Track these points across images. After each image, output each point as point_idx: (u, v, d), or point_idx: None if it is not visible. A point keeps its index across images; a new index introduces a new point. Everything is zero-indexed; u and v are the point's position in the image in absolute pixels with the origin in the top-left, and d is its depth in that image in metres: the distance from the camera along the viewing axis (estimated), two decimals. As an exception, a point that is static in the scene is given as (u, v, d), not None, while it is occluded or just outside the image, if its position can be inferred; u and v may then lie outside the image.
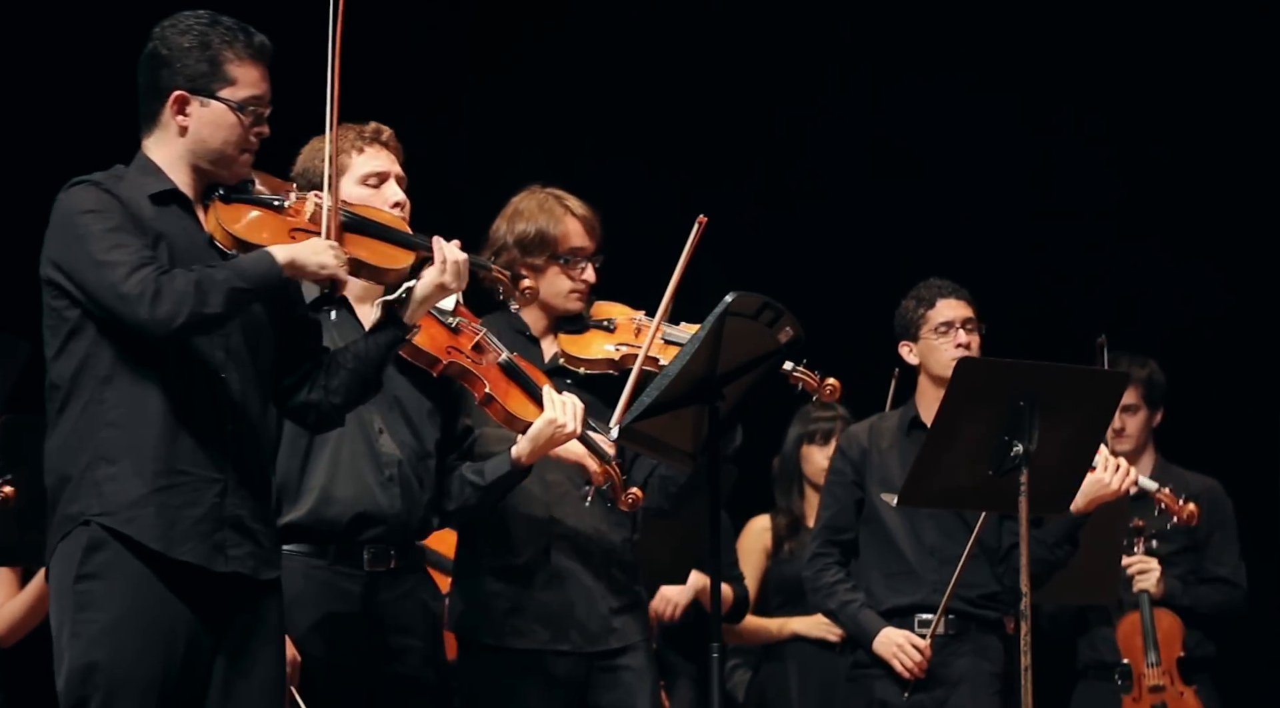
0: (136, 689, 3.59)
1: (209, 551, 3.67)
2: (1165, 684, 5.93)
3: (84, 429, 3.68)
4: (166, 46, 3.76)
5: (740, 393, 4.38)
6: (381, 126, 4.44)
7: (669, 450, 4.39)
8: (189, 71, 3.74)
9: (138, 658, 3.59)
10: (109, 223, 3.63)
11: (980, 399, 4.67)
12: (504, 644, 4.68)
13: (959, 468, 4.73)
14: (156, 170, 3.77)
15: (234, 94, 3.75)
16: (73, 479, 3.68)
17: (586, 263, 4.82)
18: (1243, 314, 7.50)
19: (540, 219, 4.79)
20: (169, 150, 3.77)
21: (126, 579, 3.62)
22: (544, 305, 4.82)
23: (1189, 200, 7.62)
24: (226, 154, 3.78)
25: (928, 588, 5.32)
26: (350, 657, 4.26)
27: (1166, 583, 6.04)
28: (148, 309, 3.56)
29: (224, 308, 3.61)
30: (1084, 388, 4.81)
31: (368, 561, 4.29)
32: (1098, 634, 6.14)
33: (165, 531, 3.63)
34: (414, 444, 4.38)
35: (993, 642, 5.39)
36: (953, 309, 5.42)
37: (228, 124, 3.76)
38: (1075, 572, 5.52)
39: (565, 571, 4.71)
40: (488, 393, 4.32)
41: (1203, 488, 6.24)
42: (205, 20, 3.77)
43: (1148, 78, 7.61)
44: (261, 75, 3.80)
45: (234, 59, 3.76)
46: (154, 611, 3.62)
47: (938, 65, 7.70)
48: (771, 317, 4.27)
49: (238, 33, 3.77)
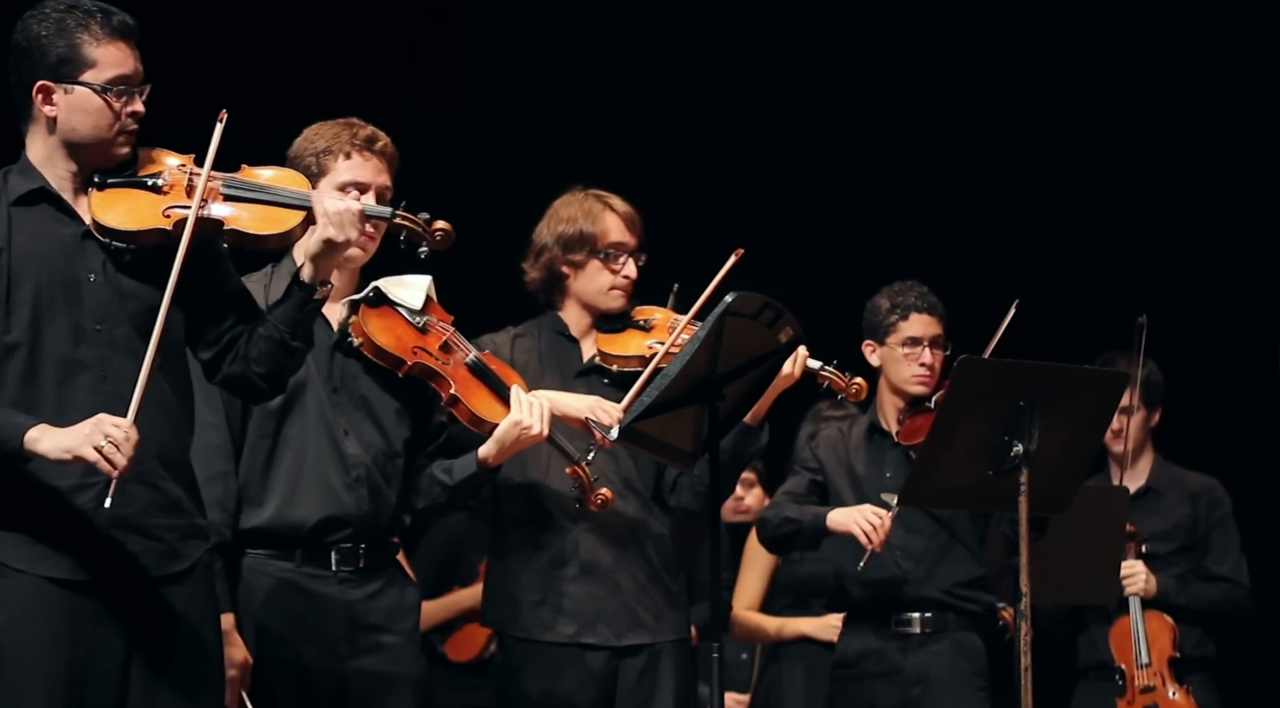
0: (41, 688, 3.56)
1: (73, 565, 3.60)
2: (1156, 686, 5.94)
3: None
4: (26, 38, 3.68)
5: (740, 393, 4.38)
6: (378, 134, 4.37)
7: (669, 450, 4.39)
8: (49, 60, 3.65)
9: (39, 655, 3.56)
10: None
11: (980, 399, 4.67)
12: (531, 636, 4.70)
13: (959, 468, 4.73)
14: (30, 170, 3.71)
15: (97, 76, 3.67)
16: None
17: (628, 258, 4.82)
18: (1242, 313, 7.50)
19: (580, 216, 4.81)
20: (43, 144, 3.72)
21: (25, 577, 3.59)
22: (585, 304, 4.84)
23: (1187, 200, 7.61)
24: (101, 138, 3.69)
25: (898, 584, 5.33)
26: (321, 657, 4.24)
27: (1162, 583, 6.03)
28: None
29: None
30: (1084, 388, 4.81)
31: (336, 561, 4.27)
32: (1098, 634, 6.14)
33: (28, 549, 3.59)
34: (381, 444, 4.35)
35: (973, 639, 5.40)
36: (924, 325, 5.45)
37: (95, 108, 3.68)
38: (1075, 572, 5.52)
39: (595, 564, 4.73)
40: (453, 394, 4.31)
41: (1201, 486, 6.25)
42: (62, 7, 3.69)
43: (1142, 74, 7.61)
44: (127, 54, 3.70)
45: (92, 41, 3.67)
46: (55, 608, 3.58)
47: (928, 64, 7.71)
48: (771, 317, 4.27)
49: (95, 14, 3.69)
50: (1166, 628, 6.00)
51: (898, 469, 5.43)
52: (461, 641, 6.61)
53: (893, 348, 5.45)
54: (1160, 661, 5.96)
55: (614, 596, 4.73)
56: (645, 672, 4.74)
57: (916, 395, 5.43)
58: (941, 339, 5.45)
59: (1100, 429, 4.98)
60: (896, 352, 5.44)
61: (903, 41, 7.77)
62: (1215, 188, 7.61)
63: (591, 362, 4.81)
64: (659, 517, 4.84)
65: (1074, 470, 4.86)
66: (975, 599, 5.42)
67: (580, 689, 4.69)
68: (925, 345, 5.42)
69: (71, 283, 3.66)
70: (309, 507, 4.26)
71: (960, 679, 5.34)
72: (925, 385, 5.41)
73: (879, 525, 5.17)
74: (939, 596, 5.37)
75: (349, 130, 4.35)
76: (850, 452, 5.53)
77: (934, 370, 5.42)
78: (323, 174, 4.31)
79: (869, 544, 5.17)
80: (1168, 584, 6.06)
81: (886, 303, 5.49)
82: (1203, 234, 7.58)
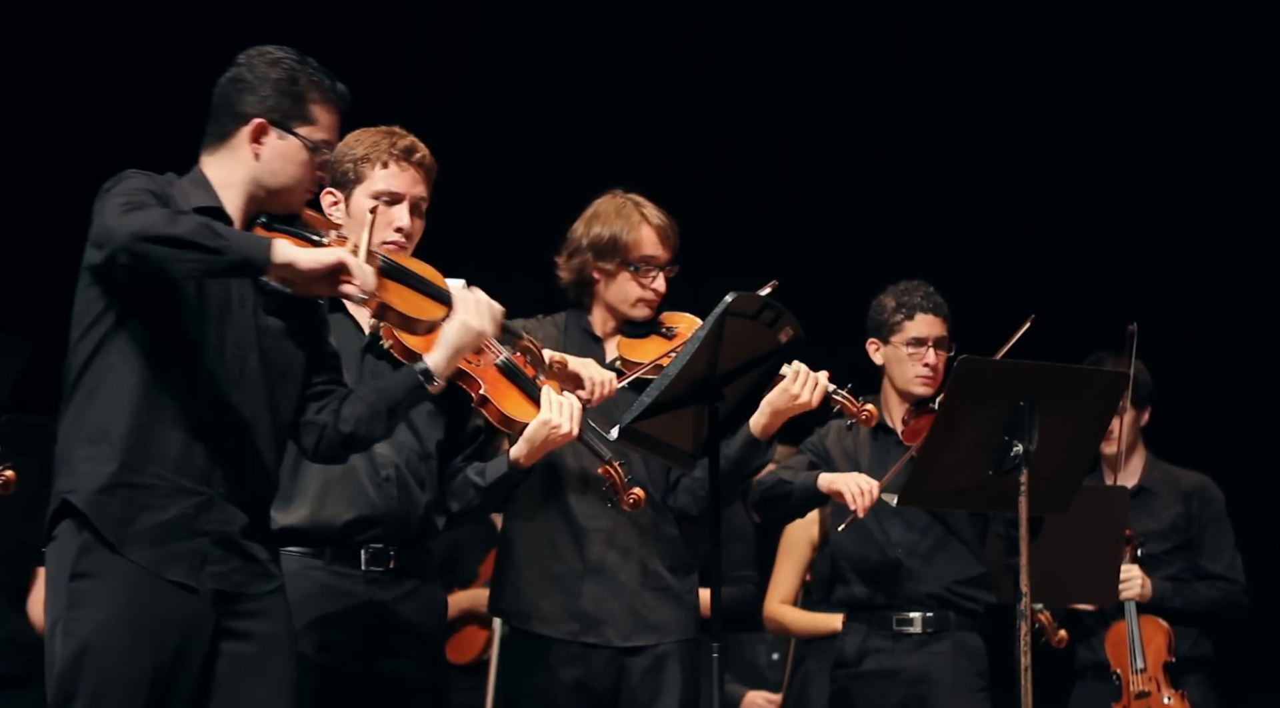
0: (124, 690, 3.59)
1: (163, 556, 3.64)
2: (1151, 691, 5.94)
3: (81, 410, 3.68)
4: (254, 74, 3.79)
5: (740, 393, 4.38)
6: (418, 144, 4.39)
7: (669, 450, 4.38)
8: (273, 103, 3.77)
9: (126, 658, 3.59)
10: (142, 185, 3.64)
11: (980, 399, 4.68)
12: (536, 630, 4.71)
13: (959, 468, 4.74)
14: (207, 186, 3.78)
15: (311, 133, 3.79)
16: (63, 459, 3.69)
17: (658, 272, 4.82)
18: (1242, 312, 7.51)
19: (616, 224, 4.81)
20: (231, 172, 3.79)
21: (120, 580, 3.61)
22: (611, 309, 4.84)
23: (1185, 199, 7.62)
24: (290, 189, 3.81)
25: (902, 580, 5.33)
26: (345, 657, 4.24)
27: (1157, 586, 6.04)
28: (118, 216, 3.54)
29: (189, 234, 3.50)
30: (1084, 388, 4.81)
31: (366, 561, 4.28)
32: (1096, 636, 6.15)
33: (121, 526, 3.63)
34: (413, 445, 4.36)
35: (973, 639, 5.40)
36: (928, 326, 5.44)
37: (299, 161, 3.79)
38: (1075, 572, 5.52)
39: (602, 563, 4.73)
40: (482, 394, 4.30)
41: (1194, 485, 6.25)
42: (294, 57, 3.82)
43: (1144, 79, 7.62)
44: (336, 122, 3.85)
45: (318, 100, 3.80)
46: (145, 613, 3.62)
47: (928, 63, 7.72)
48: (771, 317, 4.27)
49: (324, 77, 3.82)
50: (1161, 632, 6.00)
51: (902, 469, 5.42)
52: (461, 642, 6.61)
53: (897, 347, 5.45)
54: (1155, 665, 5.96)
55: (620, 596, 4.73)
56: (650, 672, 4.74)
57: (920, 396, 5.43)
58: (946, 340, 5.45)
59: (1100, 429, 4.99)
60: (900, 351, 5.44)
61: (903, 41, 7.78)
62: (1213, 186, 7.62)
63: (612, 364, 4.81)
64: (669, 518, 4.84)
65: (1074, 470, 4.87)
66: (975, 598, 5.43)
67: (583, 688, 4.70)
68: (929, 346, 5.42)
69: (225, 304, 3.75)
70: (338, 506, 4.26)
71: (961, 680, 5.34)
72: (928, 386, 5.42)
73: (867, 491, 5.14)
74: (940, 592, 5.37)
75: (388, 139, 4.37)
76: (857, 447, 5.53)
77: (937, 371, 5.42)
78: (359, 181, 4.34)
79: (854, 506, 5.15)
80: (1164, 588, 6.06)
81: (892, 302, 5.48)
82: (1201, 233, 7.58)
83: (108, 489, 3.63)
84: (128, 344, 3.66)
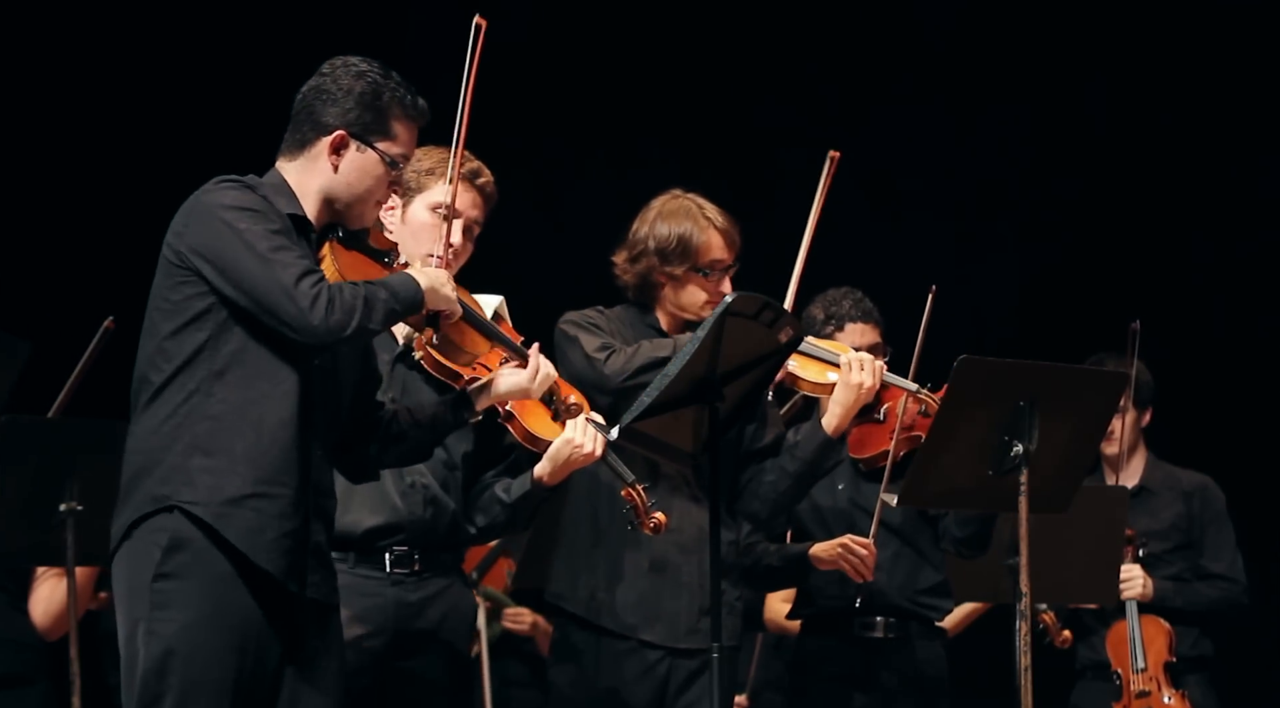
0: (211, 690, 3.60)
1: (287, 567, 3.69)
2: (1152, 690, 5.94)
3: (183, 417, 3.67)
4: (339, 86, 3.81)
5: (740, 393, 4.38)
6: (484, 170, 4.45)
7: (669, 450, 4.38)
8: (355, 116, 3.80)
9: (214, 659, 3.61)
10: (271, 225, 3.68)
11: (980, 399, 4.67)
12: (589, 619, 4.71)
13: (959, 468, 4.73)
14: (289, 192, 3.80)
15: (390, 149, 3.82)
16: (163, 463, 3.66)
17: (724, 275, 4.80)
18: (1243, 312, 7.51)
19: (684, 226, 4.77)
20: (309, 181, 3.81)
21: (206, 581, 3.62)
22: (675, 311, 4.82)
23: (1187, 199, 7.62)
24: (365, 202, 3.84)
25: (863, 588, 5.28)
26: (368, 657, 4.25)
27: (1158, 586, 6.04)
28: (321, 314, 3.61)
29: (382, 325, 3.73)
30: (1084, 388, 4.81)
31: (390, 563, 4.30)
32: (1097, 635, 6.15)
33: (254, 536, 3.65)
34: (441, 455, 4.36)
35: (935, 649, 5.38)
36: (860, 335, 5.35)
37: (376, 175, 3.82)
38: (1075, 572, 5.52)
39: (662, 562, 4.73)
40: (508, 410, 4.32)
41: (1195, 484, 6.25)
42: (379, 70, 3.84)
43: (1146, 78, 7.62)
44: (414, 137, 3.88)
45: (399, 116, 3.83)
46: (231, 614, 3.63)
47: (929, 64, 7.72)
48: (771, 317, 4.26)
49: (406, 93, 3.85)
50: (1162, 633, 6.00)
51: (849, 481, 5.39)
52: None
53: None
54: (1156, 665, 5.96)
55: (678, 596, 4.73)
56: (697, 675, 4.74)
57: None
58: (880, 347, 5.33)
59: (1100, 429, 4.98)
60: None
61: (903, 41, 7.78)
62: (1216, 187, 7.62)
63: None
64: (729, 522, 4.82)
65: (1074, 470, 4.86)
66: (936, 606, 5.40)
67: (633, 685, 4.70)
68: None
69: None
70: (361, 511, 4.28)
71: (922, 686, 5.33)
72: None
73: (866, 557, 5.13)
74: (902, 603, 5.34)
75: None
76: None
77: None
78: (420, 191, 4.38)
79: (859, 579, 5.16)
80: (1165, 588, 6.06)
81: (821, 313, 5.38)
82: (1199, 232, 7.59)
83: (236, 501, 3.64)
84: (238, 350, 3.68)
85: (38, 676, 5.37)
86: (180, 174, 4.13)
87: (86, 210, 6.71)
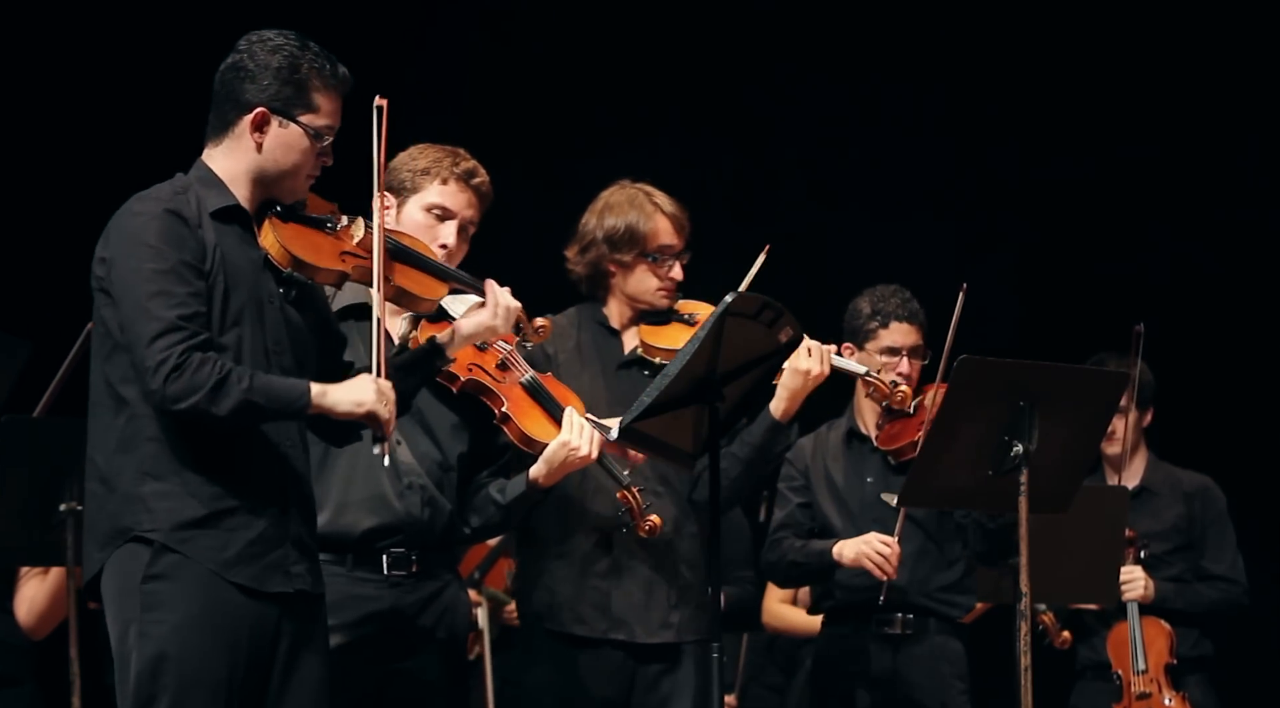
0: (206, 689, 3.61)
1: (260, 571, 3.67)
2: (1153, 692, 5.93)
3: (128, 440, 3.66)
4: (255, 62, 3.76)
5: (740, 393, 4.37)
6: (479, 170, 4.44)
7: (669, 450, 4.38)
8: (274, 91, 3.74)
9: (207, 658, 3.61)
10: (163, 264, 3.61)
11: (980, 399, 4.67)
12: (562, 629, 4.72)
13: (959, 468, 4.73)
14: (219, 184, 3.77)
15: (313, 121, 3.77)
16: (117, 492, 3.66)
17: (674, 261, 4.83)
18: (1244, 313, 7.51)
19: (630, 215, 4.81)
20: (235, 163, 3.78)
21: (195, 580, 3.62)
22: (630, 300, 4.85)
23: (1189, 198, 7.62)
24: (294, 177, 3.79)
25: (883, 584, 5.29)
26: (365, 658, 4.25)
27: (1159, 587, 6.03)
28: (161, 381, 3.56)
29: (229, 415, 3.59)
30: (1084, 388, 4.81)
31: (388, 565, 4.29)
32: (1097, 635, 6.14)
33: (219, 553, 3.64)
34: (436, 455, 4.37)
35: (953, 643, 5.40)
36: (904, 335, 5.40)
37: (302, 148, 3.77)
38: (1075, 572, 5.51)
39: (627, 562, 4.73)
40: (504, 412, 4.32)
41: (1196, 485, 6.24)
42: (295, 43, 3.78)
43: (1148, 78, 7.61)
44: (339, 106, 3.82)
45: (320, 87, 3.77)
46: (221, 612, 3.63)
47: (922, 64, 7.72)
48: (771, 317, 4.26)
49: (325, 62, 3.79)
50: (1163, 634, 5.99)
51: (879, 475, 5.42)
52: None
53: (871, 354, 5.40)
54: (1157, 667, 5.95)
55: (646, 594, 4.73)
56: (666, 672, 4.74)
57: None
58: (921, 349, 5.39)
59: (1100, 429, 4.98)
60: (874, 359, 5.39)
61: (903, 41, 7.77)
62: (1219, 188, 7.62)
63: (634, 353, 4.82)
64: (692, 516, 4.84)
65: (1074, 471, 4.86)
66: (955, 602, 5.42)
67: (601, 684, 4.71)
68: (904, 355, 5.39)
69: (258, 304, 3.74)
70: (359, 513, 4.28)
71: (941, 682, 5.34)
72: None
73: (890, 555, 5.17)
74: (922, 600, 5.36)
75: (452, 157, 4.42)
76: (829, 460, 5.51)
77: (911, 380, 5.38)
78: (414, 192, 4.39)
79: (884, 576, 5.19)
80: (1166, 589, 6.05)
81: (868, 308, 5.43)
82: (1198, 232, 7.58)
83: (194, 524, 3.63)
84: None
85: (24, 676, 5.36)
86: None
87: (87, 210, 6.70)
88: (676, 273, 4.83)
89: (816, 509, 5.47)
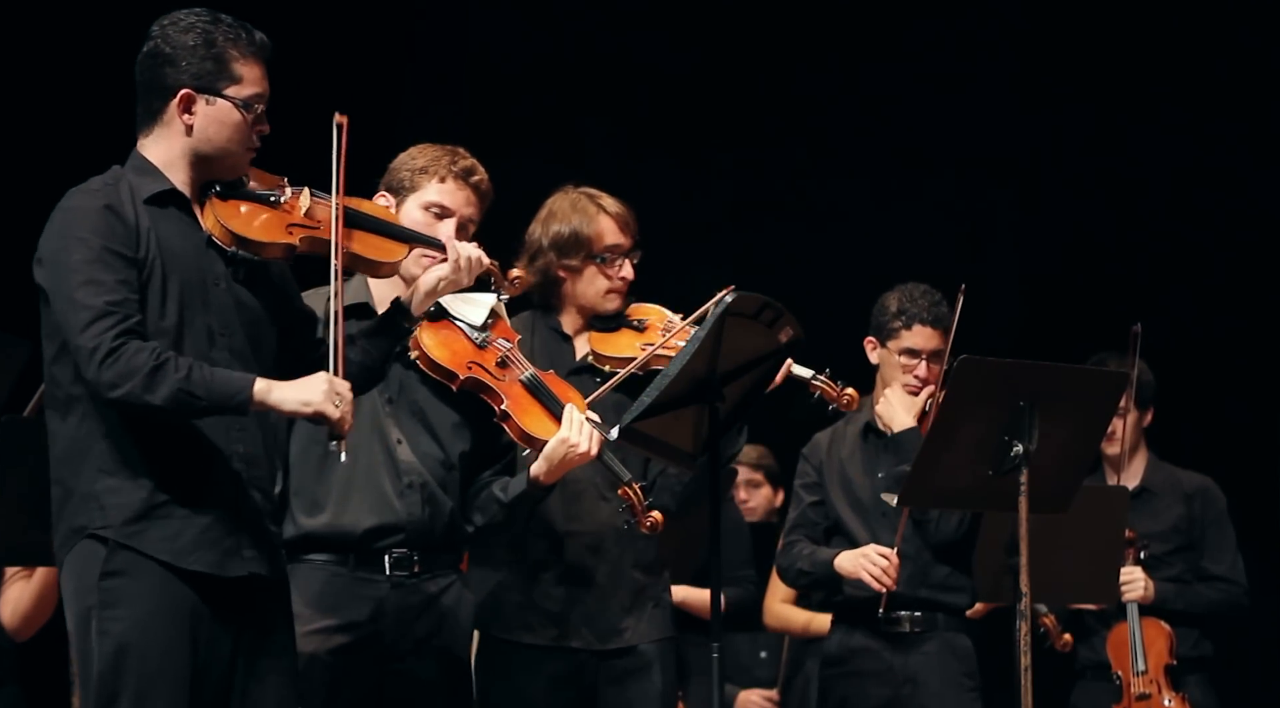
0: (168, 682, 3.60)
1: (219, 557, 3.67)
2: (1152, 693, 5.93)
3: (83, 440, 3.66)
4: (170, 44, 3.73)
5: (740, 393, 4.37)
6: (478, 168, 4.42)
7: (669, 450, 4.38)
8: (195, 69, 3.72)
9: (168, 652, 3.60)
10: (89, 253, 3.60)
11: (980, 399, 4.67)
12: (514, 638, 4.67)
13: (959, 468, 4.73)
14: (153, 170, 3.75)
15: (239, 92, 3.74)
16: (75, 493, 3.66)
17: (624, 260, 4.79)
18: (1244, 313, 7.51)
19: (574, 219, 4.77)
20: (169, 148, 3.75)
21: (152, 575, 3.62)
22: (580, 305, 4.81)
23: (1189, 198, 7.62)
24: (232, 152, 3.76)
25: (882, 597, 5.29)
26: (366, 658, 4.25)
27: (1159, 588, 6.03)
28: (95, 367, 3.55)
29: (166, 403, 3.56)
30: (1084, 388, 4.81)
31: (390, 565, 4.29)
32: (1097, 636, 6.14)
33: (171, 542, 3.63)
34: (437, 454, 4.37)
35: (962, 640, 5.40)
36: (925, 339, 5.38)
37: (234, 122, 3.74)
38: (1075, 572, 5.51)
39: (578, 568, 4.70)
40: (504, 409, 4.31)
41: (1196, 486, 6.24)
42: (207, 18, 3.75)
43: (1147, 78, 7.62)
44: (263, 73, 3.78)
45: (239, 57, 3.74)
46: (179, 605, 3.63)
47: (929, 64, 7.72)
48: (771, 317, 4.26)
49: (240, 31, 3.76)
50: (1163, 635, 5.99)
51: (890, 471, 5.41)
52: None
53: (892, 353, 5.41)
54: (1156, 668, 5.95)
55: (597, 598, 4.68)
56: (629, 674, 4.71)
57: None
58: (942, 353, 5.34)
59: (1100, 429, 4.98)
60: (894, 358, 5.40)
61: (903, 41, 7.78)
62: (1218, 188, 7.62)
63: (584, 361, 4.79)
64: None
65: (1074, 471, 4.86)
66: (961, 586, 5.41)
67: (561, 692, 4.65)
68: (923, 359, 5.38)
69: (202, 286, 3.72)
70: (359, 512, 4.28)
71: (950, 680, 5.34)
72: (914, 394, 5.39)
73: (887, 567, 5.17)
74: (928, 595, 5.36)
75: (450, 156, 4.41)
76: (844, 457, 5.50)
77: (930, 383, 5.37)
78: (413, 190, 4.37)
79: (881, 588, 5.19)
80: (1165, 590, 6.05)
81: (895, 306, 5.41)
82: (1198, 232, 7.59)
83: (142, 517, 3.63)
84: None
85: (7, 677, 5.35)
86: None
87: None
88: (627, 272, 4.79)
89: (830, 506, 5.47)
